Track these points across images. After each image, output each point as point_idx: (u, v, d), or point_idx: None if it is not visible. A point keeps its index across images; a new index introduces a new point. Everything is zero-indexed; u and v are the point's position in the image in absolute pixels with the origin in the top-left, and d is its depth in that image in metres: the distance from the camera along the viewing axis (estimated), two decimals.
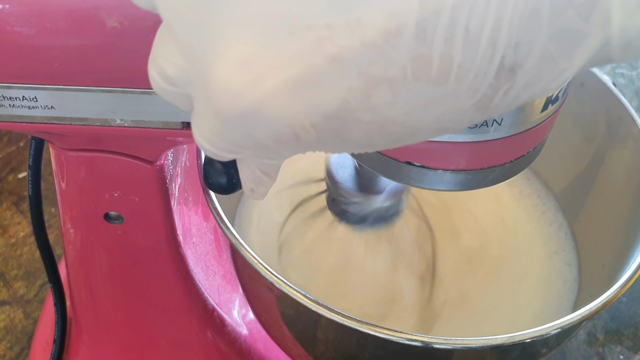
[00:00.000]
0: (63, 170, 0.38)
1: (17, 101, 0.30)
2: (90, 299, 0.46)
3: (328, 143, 0.21)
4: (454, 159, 0.32)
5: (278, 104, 0.19)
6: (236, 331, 0.50)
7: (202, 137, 0.22)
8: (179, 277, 0.44)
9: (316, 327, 0.39)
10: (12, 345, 0.58)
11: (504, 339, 0.34)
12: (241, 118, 0.19)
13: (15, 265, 0.64)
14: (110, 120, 0.31)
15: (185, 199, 0.43)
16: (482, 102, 0.19)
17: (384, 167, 0.34)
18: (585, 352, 0.59)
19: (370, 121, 0.19)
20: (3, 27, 0.28)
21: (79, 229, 0.41)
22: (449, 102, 0.19)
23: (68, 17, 0.27)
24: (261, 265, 0.36)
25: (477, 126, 0.30)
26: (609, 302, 0.36)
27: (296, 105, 0.19)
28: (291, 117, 0.19)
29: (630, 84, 0.83)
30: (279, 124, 0.19)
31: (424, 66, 0.18)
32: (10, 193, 0.69)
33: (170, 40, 0.21)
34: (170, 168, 0.39)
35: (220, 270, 0.51)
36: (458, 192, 0.34)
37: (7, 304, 0.61)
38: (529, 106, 0.30)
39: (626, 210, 0.46)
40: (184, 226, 0.43)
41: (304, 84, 0.18)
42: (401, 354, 0.37)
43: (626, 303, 0.62)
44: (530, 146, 0.33)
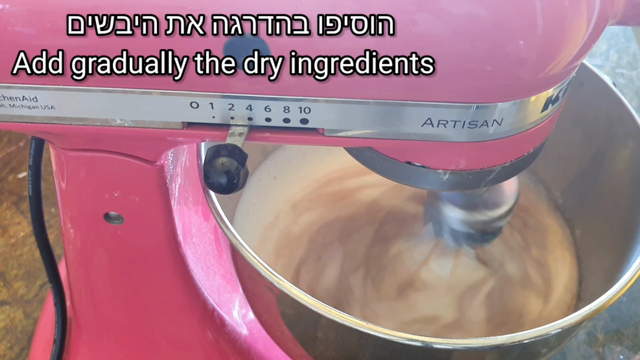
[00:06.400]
0: (63, 170, 0.38)
1: (17, 101, 0.30)
2: (90, 299, 0.46)
3: None
4: (454, 159, 0.32)
5: None
6: (236, 331, 0.50)
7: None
8: (179, 277, 0.44)
9: (316, 327, 0.39)
10: (12, 345, 0.58)
11: (504, 339, 0.34)
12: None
13: (15, 265, 0.64)
14: (110, 120, 0.31)
15: (185, 199, 0.43)
16: None
17: (384, 168, 0.34)
18: (585, 352, 0.59)
19: None
20: (3, 27, 0.28)
21: (79, 229, 0.41)
22: None
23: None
24: (261, 265, 0.36)
25: (477, 126, 0.30)
26: (609, 302, 0.36)
27: None
28: None
29: (630, 84, 0.83)
30: None
31: None
32: (10, 193, 0.69)
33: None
34: (170, 168, 0.39)
35: (220, 270, 0.51)
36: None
37: (7, 304, 0.61)
38: (529, 106, 0.30)
39: (626, 210, 0.46)
40: (184, 226, 0.43)
41: None
42: (401, 354, 0.37)
43: (626, 303, 0.62)
44: (530, 146, 0.33)
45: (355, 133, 0.31)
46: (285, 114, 0.30)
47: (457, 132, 0.30)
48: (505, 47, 0.27)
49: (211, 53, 0.28)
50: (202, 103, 0.30)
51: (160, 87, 0.29)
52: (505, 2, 0.26)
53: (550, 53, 0.27)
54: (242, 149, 0.30)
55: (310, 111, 0.30)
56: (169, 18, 0.27)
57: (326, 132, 0.31)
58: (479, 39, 0.26)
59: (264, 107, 0.30)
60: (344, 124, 0.30)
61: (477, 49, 0.27)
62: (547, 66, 0.28)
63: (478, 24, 0.26)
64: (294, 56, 0.27)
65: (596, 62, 0.85)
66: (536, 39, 0.27)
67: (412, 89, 0.28)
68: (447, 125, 0.30)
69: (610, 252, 0.47)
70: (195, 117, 0.31)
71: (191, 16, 0.27)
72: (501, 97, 0.29)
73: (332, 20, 0.26)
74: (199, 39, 0.27)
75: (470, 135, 0.30)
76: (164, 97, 0.30)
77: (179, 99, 0.30)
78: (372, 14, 0.26)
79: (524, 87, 0.29)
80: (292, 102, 0.29)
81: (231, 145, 0.30)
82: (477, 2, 0.26)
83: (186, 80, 0.29)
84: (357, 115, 0.30)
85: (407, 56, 0.27)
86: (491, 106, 0.29)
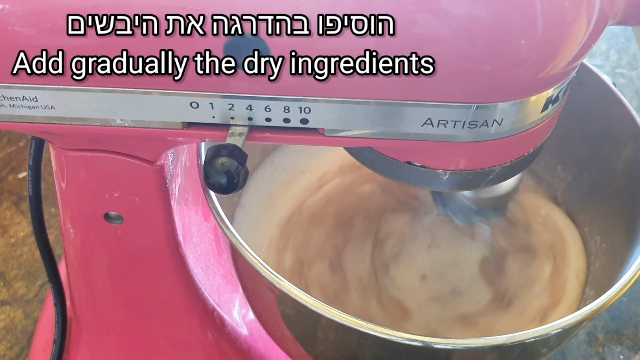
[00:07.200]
0: (63, 170, 0.38)
1: (17, 101, 0.30)
2: (90, 299, 0.46)
3: None
4: (454, 159, 0.32)
5: None
6: (236, 331, 0.50)
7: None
8: (179, 277, 0.44)
9: (316, 327, 0.39)
10: (12, 345, 0.58)
11: (504, 339, 0.34)
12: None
13: (15, 265, 0.64)
14: (110, 120, 0.31)
15: (185, 199, 0.43)
16: None
17: (385, 167, 0.34)
18: (585, 352, 0.59)
19: None
20: (3, 27, 0.28)
21: (79, 229, 0.41)
22: None
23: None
24: (261, 265, 0.36)
25: (477, 126, 0.30)
26: (609, 302, 0.36)
27: None
28: None
29: (630, 84, 0.83)
30: None
31: None
32: (10, 193, 0.69)
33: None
34: (170, 168, 0.39)
35: (220, 270, 0.51)
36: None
37: (7, 304, 0.61)
38: (529, 106, 0.30)
39: (626, 210, 0.46)
40: (184, 226, 0.43)
41: None
42: (401, 354, 0.37)
43: (626, 303, 0.62)
44: (531, 146, 0.33)
45: (355, 133, 0.31)
46: (285, 114, 0.30)
47: (457, 132, 0.30)
48: (505, 47, 0.27)
49: (211, 53, 0.28)
50: (202, 103, 0.30)
51: (160, 87, 0.29)
52: (505, 2, 0.26)
53: (550, 53, 0.27)
54: (242, 149, 0.30)
55: (310, 111, 0.30)
56: (169, 18, 0.27)
57: (326, 132, 0.31)
58: (479, 39, 0.26)
59: (264, 107, 0.30)
60: (344, 124, 0.30)
61: (477, 49, 0.27)
62: (547, 66, 0.28)
63: (478, 24, 0.26)
64: (294, 56, 0.27)
65: (596, 62, 0.85)
66: (536, 39, 0.27)
67: (412, 89, 0.28)
68: (447, 125, 0.30)
69: (610, 252, 0.47)
70: (195, 117, 0.31)
71: (191, 16, 0.27)
72: (501, 97, 0.29)
73: (332, 20, 0.26)
74: (199, 39, 0.27)
75: (471, 135, 0.30)
76: (164, 97, 0.30)
77: (179, 99, 0.30)
78: (372, 14, 0.26)
79: (524, 87, 0.29)
80: (292, 102, 0.29)
81: (231, 145, 0.30)
82: (477, 2, 0.26)
83: (186, 80, 0.29)
84: (357, 115, 0.30)
85: (407, 56, 0.27)
86: (491, 106, 0.29)
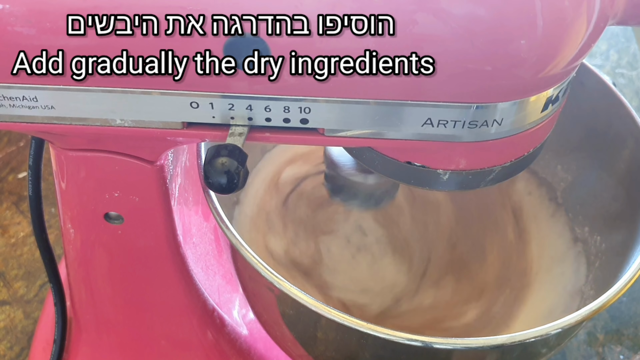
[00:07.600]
0: (63, 170, 0.38)
1: (17, 101, 0.30)
2: (90, 299, 0.46)
3: None
4: (454, 159, 0.32)
5: None
6: (236, 331, 0.50)
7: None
8: (179, 277, 0.44)
9: (316, 327, 0.39)
10: (12, 345, 0.58)
11: (504, 339, 0.34)
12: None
13: (15, 265, 0.64)
14: (110, 120, 0.31)
15: (185, 199, 0.43)
16: None
17: (385, 167, 0.34)
18: (585, 352, 0.59)
19: None
20: (3, 27, 0.28)
21: (79, 229, 0.41)
22: None
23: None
24: (261, 265, 0.36)
25: (477, 126, 0.30)
26: (609, 302, 0.36)
27: None
28: None
29: (630, 84, 0.83)
30: None
31: None
32: (10, 193, 0.69)
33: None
34: (170, 168, 0.39)
35: (220, 270, 0.51)
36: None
37: (7, 304, 0.61)
38: (529, 106, 0.30)
39: (626, 210, 0.46)
40: (184, 226, 0.43)
41: None
42: (401, 354, 0.37)
43: (626, 303, 0.62)
44: (531, 146, 0.33)
45: (356, 133, 0.31)
46: (285, 114, 0.30)
47: (457, 132, 0.30)
48: (505, 47, 0.27)
49: (211, 53, 0.28)
50: (202, 103, 0.30)
51: (160, 87, 0.29)
52: (505, 2, 0.26)
53: (550, 53, 0.27)
54: (242, 149, 0.30)
55: (310, 111, 0.30)
56: (169, 18, 0.27)
57: (326, 132, 0.31)
58: (479, 38, 0.26)
59: (264, 107, 0.30)
60: (344, 124, 0.30)
61: (477, 48, 0.27)
62: (547, 66, 0.28)
63: (478, 23, 0.26)
64: (294, 56, 0.27)
65: (596, 62, 0.85)
66: (536, 39, 0.27)
67: (412, 89, 0.28)
68: (447, 125, 0.30)
69: (610, 252, 0.47)
70: (195, 117, 0.31)
71: (191, 16, 0.27)
72: (501, 97, 0.29)
73: (332, 20, 0.26)
74: (199, 39, 0.27)
75: (471, 135, 0.30)
76: (164, 97, 0.30)
77: (179, 99, 0.30)
78: (372, 14, 0.26)
79: (524, 87, 0.29)
80: (292, 102, 0.29)
81: (231, 145, 0.30)
82: (477, 2, 0.26)
83: (186, 80, 0.29)
84: (357, 115, 0.30)
85: (407, 56, 0.27)
86: (491, 106, 0.29)
